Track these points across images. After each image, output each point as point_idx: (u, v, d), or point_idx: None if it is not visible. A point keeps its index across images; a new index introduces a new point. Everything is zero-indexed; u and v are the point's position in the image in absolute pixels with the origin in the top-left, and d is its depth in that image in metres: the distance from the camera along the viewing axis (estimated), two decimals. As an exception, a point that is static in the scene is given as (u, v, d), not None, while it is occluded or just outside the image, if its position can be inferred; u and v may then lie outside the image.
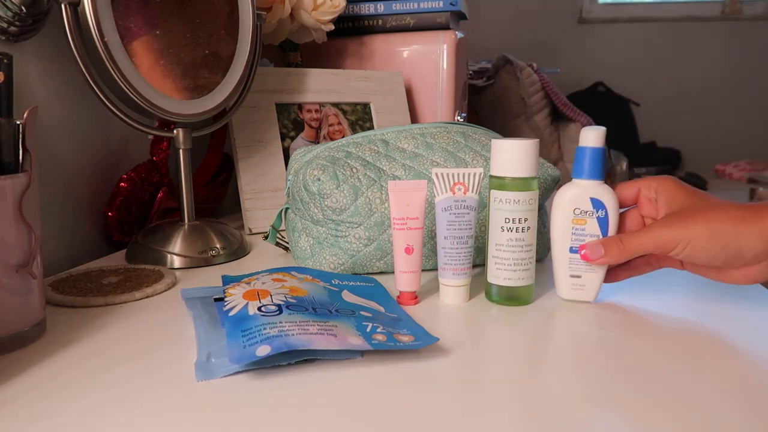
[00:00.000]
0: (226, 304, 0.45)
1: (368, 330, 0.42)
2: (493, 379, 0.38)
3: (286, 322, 0.41)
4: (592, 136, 0.50)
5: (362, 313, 0.46)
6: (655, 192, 0.50)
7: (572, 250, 0.51)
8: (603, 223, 0.50)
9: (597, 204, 0.50)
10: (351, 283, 0.55)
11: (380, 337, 0.41)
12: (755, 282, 0.48)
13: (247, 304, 0.44)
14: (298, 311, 0.43)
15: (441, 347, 0.43)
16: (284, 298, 0.45)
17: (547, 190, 0.64)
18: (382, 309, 0.49)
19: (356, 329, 0.42)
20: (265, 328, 0.40)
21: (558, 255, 0.51)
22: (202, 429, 0.32)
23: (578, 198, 0.50)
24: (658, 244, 0.47)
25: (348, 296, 0.50)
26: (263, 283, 0.49)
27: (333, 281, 0.54)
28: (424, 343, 0.41)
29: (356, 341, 0.40)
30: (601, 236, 0.50)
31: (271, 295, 0.46)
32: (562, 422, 0.33)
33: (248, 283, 0.49)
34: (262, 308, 0.43)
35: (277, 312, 0.43)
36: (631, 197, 0.51)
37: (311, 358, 0.40)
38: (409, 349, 0.42)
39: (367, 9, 1.02)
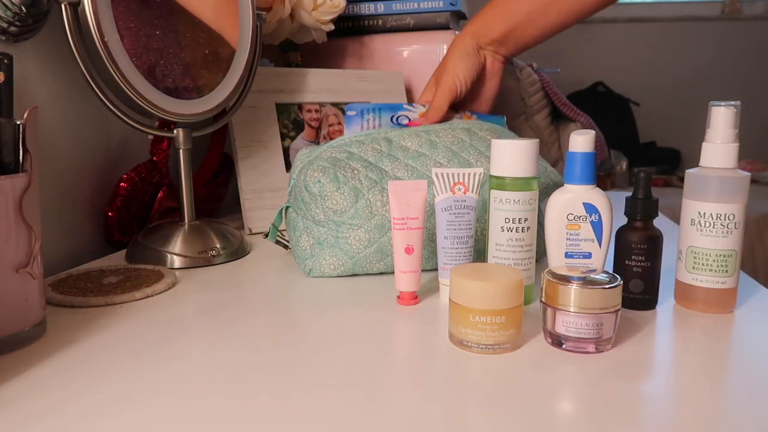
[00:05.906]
0: None
1: None
2: (493, 380, 0.38)
3: None
4: (581, 141, 0.49)
5: None
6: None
7: (568, 255, 0.51)
8: (597, 226, 0.50)
9: (590, 208, 0.50)
10: None
11: None
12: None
13: None
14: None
15: (441, 348, 0.43)
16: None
17: (548, 190, 0.63)
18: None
19: None
20: None
21: (554, 261, 0.51)
22: (201, 429, 0.32)
23: (571, 203, 0.50)
24: (452, 91, 0.72)
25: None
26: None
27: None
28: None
29: None
30: (596, 240, 0.50)
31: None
32: (562, 421, 0.33)
33: None
34: None
35: None
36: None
37: None
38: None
39: (367, 9, 1.02)
